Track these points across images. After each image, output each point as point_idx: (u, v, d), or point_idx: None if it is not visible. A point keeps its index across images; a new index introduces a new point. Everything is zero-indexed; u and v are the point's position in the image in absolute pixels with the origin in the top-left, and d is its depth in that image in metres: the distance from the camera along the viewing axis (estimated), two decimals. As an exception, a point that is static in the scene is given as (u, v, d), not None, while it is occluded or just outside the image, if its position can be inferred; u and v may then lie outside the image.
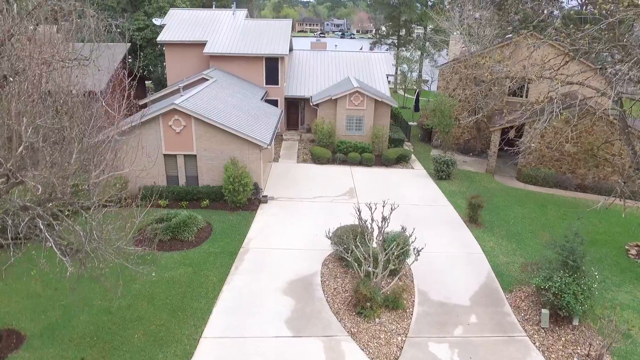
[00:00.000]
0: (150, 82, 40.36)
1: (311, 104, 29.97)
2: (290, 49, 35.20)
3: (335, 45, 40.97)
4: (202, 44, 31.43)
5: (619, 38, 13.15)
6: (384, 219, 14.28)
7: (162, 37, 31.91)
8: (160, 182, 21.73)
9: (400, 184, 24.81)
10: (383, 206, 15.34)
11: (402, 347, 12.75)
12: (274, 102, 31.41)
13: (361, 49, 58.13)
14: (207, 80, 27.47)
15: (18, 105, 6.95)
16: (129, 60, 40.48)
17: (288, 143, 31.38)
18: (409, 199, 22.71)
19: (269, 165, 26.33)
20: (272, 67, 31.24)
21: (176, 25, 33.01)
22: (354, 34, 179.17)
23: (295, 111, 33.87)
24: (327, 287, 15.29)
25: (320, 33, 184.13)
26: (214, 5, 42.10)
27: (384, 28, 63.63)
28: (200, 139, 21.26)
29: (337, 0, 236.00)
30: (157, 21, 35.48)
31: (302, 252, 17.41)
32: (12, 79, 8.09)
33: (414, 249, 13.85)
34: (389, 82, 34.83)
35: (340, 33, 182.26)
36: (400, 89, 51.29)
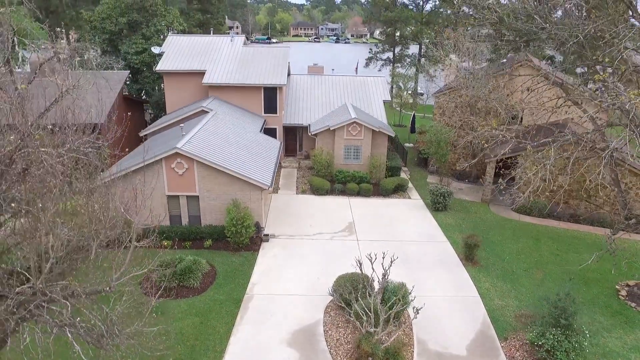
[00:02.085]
0: (148, 104, 40.68)
1: (309, 134, 30.51)
2: (288, 74, 35.67)
3: (333, 69, 41.53)
4: (201, 73, 31.89)
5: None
6: (384, 275, 14.89)
7: (160, 67, 32.33)
8: (164, 221, 22.20)
9: (397, 218, 25.40)
10: (383, 258, 16.00)
11: (403, 404, 13.32)
12: (273, 131, 31.92)
13: (357, 64, 58.90)
14: (207, 112, 27.91)
15: (46, 225, 7.48)
16: (127, 83, 40.92)
17: (287, 171, 31.90)
18: (407, 235, 23.33)
19: (269, 197, 26.83)
20: (270, 96, 31.69)
21: (174, 54, 33.42)
22: (348, 39, 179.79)
23: (294, 137, 34.39)
24: (330, 337, 15.85)
25: (315, 37, 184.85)
26: (211, 31, 42.50)
27: (378, 34, 63.75)
28: (202, 181, 21.75)
29: (331, 4, 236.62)
30: (155, 49, 35.88)
31: (304, 298, 17.96)
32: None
33: (414, 307, 14.43)
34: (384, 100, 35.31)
35: (335, 37, 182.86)
36: (397, 106, 51.86)
